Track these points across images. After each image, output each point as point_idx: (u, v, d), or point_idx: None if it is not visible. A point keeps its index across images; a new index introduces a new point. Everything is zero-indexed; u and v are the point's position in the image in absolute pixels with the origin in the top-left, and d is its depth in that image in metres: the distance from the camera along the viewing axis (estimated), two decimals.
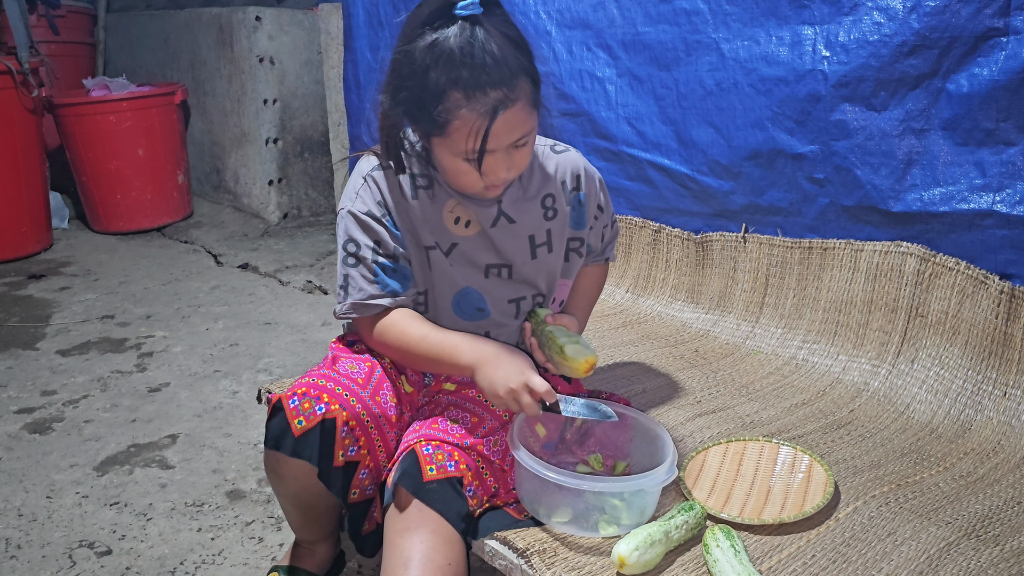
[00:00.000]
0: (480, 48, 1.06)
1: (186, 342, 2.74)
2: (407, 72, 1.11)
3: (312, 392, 1.16)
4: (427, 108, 1.10)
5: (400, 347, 1.25)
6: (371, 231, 1.24)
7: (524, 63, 1.11)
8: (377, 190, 1.25)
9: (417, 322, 1.26)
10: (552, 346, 1.24)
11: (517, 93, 1.10)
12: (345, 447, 1.17)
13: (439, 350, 1.23)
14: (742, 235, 2.01)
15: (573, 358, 1.20)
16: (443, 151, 1.15)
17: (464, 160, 1.14)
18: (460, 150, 1.12)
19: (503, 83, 1.08)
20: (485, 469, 1.20)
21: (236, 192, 4.36)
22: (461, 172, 1.17)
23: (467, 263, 1.29)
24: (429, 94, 1.09)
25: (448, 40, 1.06)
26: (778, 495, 1.28)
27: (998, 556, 1.14)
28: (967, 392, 1.56)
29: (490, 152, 1.12)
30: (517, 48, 1.11)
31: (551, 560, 1.11)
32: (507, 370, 1.17)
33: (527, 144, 1.17)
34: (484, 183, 1.18)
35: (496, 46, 1.07)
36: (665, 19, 2.05)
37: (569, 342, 1.23)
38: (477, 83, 1.07)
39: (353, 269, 1.25)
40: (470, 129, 1.09)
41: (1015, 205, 1.54)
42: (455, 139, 1.11)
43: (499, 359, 1.18)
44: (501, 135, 1.11)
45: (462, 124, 1.09)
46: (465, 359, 1.21)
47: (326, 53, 3.35)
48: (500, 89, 1.08)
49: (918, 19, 1.60)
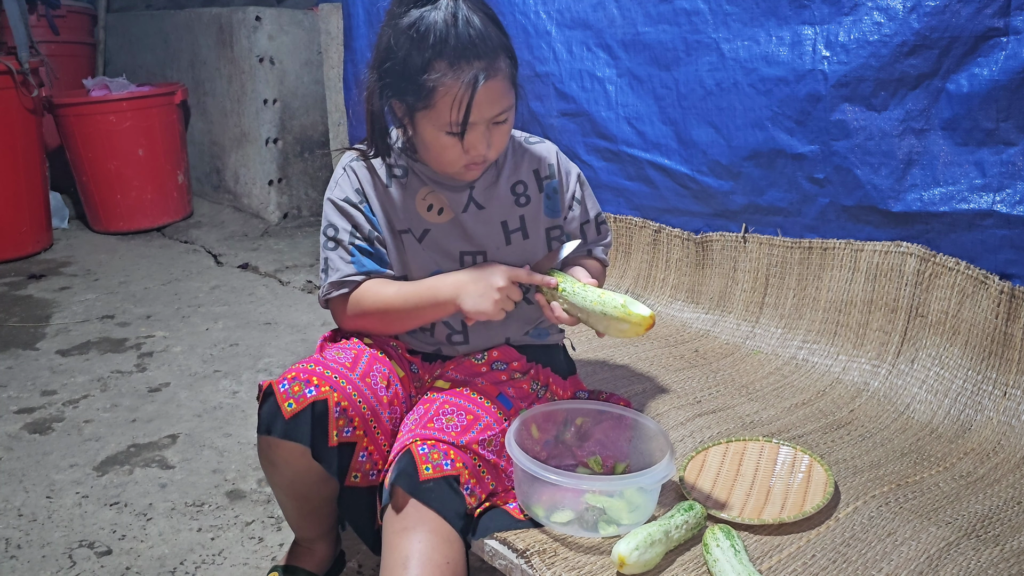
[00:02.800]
0: (464, 21, 1.13)
1: (186, 342, 2.74)
2: (393, 46, 1.17)
3: (301, 376, 1.18)
4: (413, 79, 1.16)
5: (378, 309, 1.30)
6: (348, 216, 1.31)
7: (503, 40, 1.19)
8: (355, 178, 1.32)
9: (389, 283, 1.31)
10: (604, 304, 1.19)
11: (498, 65, 1.16)
12: (339, 427, 1.18)
13: (417, 297, 1.28)
14: (742, 235, 2.01)
15: (639, 313, 1.16)
16: (426, 125, 1.20)
17: (447, 134, 1.19)
18: (444, 122, 1.17)
19: (485, 55, 1.15)
20: (482, 467, 1.20)
21: (236, 192, 4.36)
22: (443, 147, 1.21)
23: (439, 250, 1.34)
24: (414, 66, 1.15)
25: (434, 15, 1.14)
26: (778, 495, 1.28)
27: (998, 556, 1.14)
28: (967, 392, 1.56)
29: (472, 125, 1.17)
30: (496, 26, 1.18)
31: (551, 560, 1.11)
32: (486, 280, 1.24)
33: (507, 122, 1.23)
34: (464, 160, 1.22)
35: (479, 20, 1.15)
36: (665, 19, 2.05)
37: (628, 298, 1.19)
38: (461, 54, 1.13)
39: (332, 252, 1.31)
40: (454, 98, 1.15)
41: (1015, 205, 1.54)
42: (439, 110, 1.16)
43: (474, 278, 1.25)
44: (483, 106, 1.16)
45: (446, 92, 1.15)
46: (444, 294, 1.26)
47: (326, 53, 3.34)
48: (483, 60, 1.14)
49: (918, 19, 1.60)
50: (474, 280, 1.25)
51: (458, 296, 1.24)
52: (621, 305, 1.18)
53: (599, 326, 1.22)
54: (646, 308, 1.17)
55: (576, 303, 1.22)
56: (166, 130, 4.05)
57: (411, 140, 1.30)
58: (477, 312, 1.23)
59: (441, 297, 1.26)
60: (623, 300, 1.18)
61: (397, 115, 1.26)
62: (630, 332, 1.18)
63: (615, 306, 1.18)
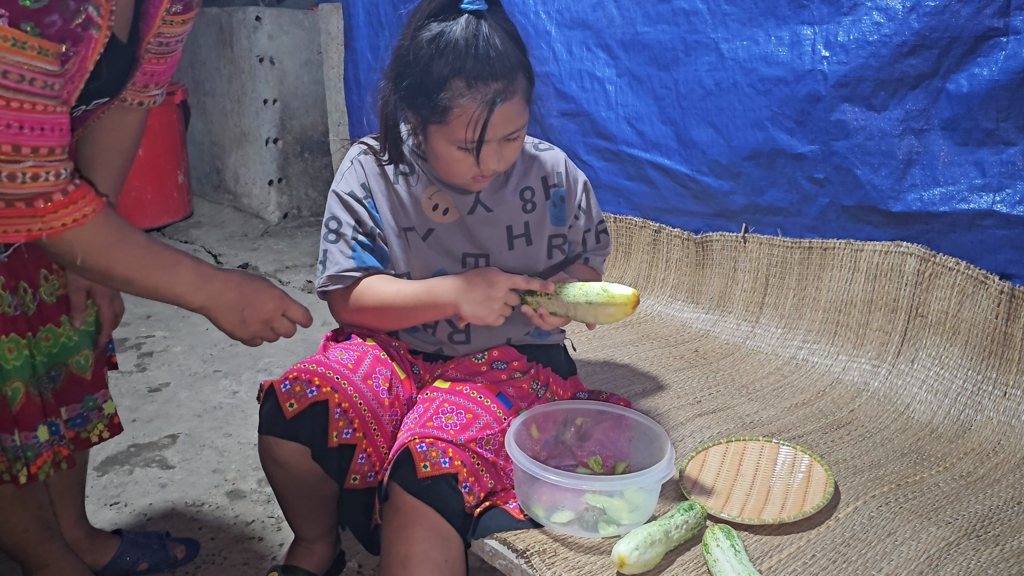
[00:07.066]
0: (484, 41, 1.12)
1: (186, 342, 2.74)
2: (412, 60, 1.16)
3: (303, 376, 1.18)
4: (429, 95, 1.15)
5: (377, 306, 1.29)
6: (352, 210, 1.31)
7: (523, 59, 1.17)
8: (362, 172, 1.32)
9: (390, 281, 1.30)
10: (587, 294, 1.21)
11: (516, 86, 1.15)
12: (339, 429, 1.18)
13: (416, 298, 1.27)
14: (742, 235, 2.01)
15: (621, 293, 1.19)
16: (439, 139, 1.20)
17: (458, 149, 1.19)
18: (457, 138, 1.17)
19: (504, 75, 1.13)
20: (481, 466, 1.20)
21: (236, 192, 4.36)
22: (454, 160, 1.21)
23: (443, 250, 1.33)
24: (432, 81, 1.14)
25: (454, 31, 1.12)
26: (778, 495, 1.28)
27: (998, 556, 1.14)
28: (967, 392, 1.56)
29: (485, 143, 1.17)
30: (516, 44, 1.16)
31: (551, 560, 1.11)
32: (486, 287, 1.24)
33: (518, 139, 1.22)
34: (474, 172, 1.22)
35: (499, 40, 1.13)
36: (664, 19, 2.05)
37: (606, 283, 1.22)
38: (480, 73, 1.12)
39: (333, 245, 1.31)
40: (470, 118, 1.14)
41: (1015, 205, 1.54)
42: (454, 127, 1.15)
43: (473, 283, 1.25)
44: (498, 126, 1.16)
45: (462, 112, 1.14)
46: (443, 297, 1.26)
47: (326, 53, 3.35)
48: (501, 81, 1.13)
49: (918, 19, 1.60)
50: (474, 286, 1.25)
51: (458, 301, 1.25)
52: (602, 290, 1.20)
53: (587, 317, 1.24)
54: (627, 288, 1.20)
55: (560, 300, 1.24)
56: (166, 130, 4.05)
57: (421, 145, 1.29)
58: (476, 318, 1.25)
59: (440, 300, 1.26)
60: (602, 285, 1.21)
61: (409, 123, 1.26)
62: (617, 315, 1.21)
63: (596, 292, 1.21)
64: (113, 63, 1.08)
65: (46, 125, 0.92)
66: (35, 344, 1.26)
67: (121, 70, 1.13)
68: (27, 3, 0.85)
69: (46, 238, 0.97)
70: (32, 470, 1.22)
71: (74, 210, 0.97)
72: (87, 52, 0.99)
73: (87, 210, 0.98)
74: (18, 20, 0.85)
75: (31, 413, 1.21)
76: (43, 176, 0.93)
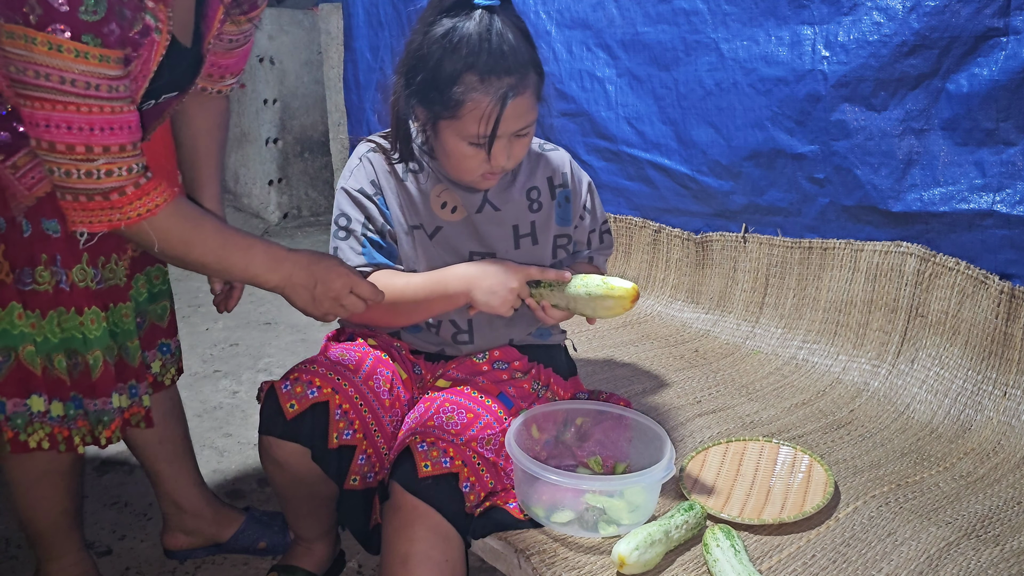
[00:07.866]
0: (498, 35, 1.12)
1: (186, 342, 2.74)
2: (424, 55, 1.16)
3: (304, 377, 1.18)
4: (441, 90, 1.15)
5: (388, 300, 1.28)
6: (362, 207, 1.30)
7: (534, 55, 1.18)
8: (372, 169, 1.32)
9: (399, 274, 1.30)
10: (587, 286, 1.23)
11: (527, 82, 1.16)
12: (340, 430, 1.18)
13: (427, 289, 1.27)
14: (742, 235, 2.02)
15: (621, 286, 1.20)
16: (450, 134, 1.20)
17: (469, 144, 1.19)
18: (468, 133, 1.17)
19: (516, 70, 1.14)
20: (481, 466, 1.20)
21: (236, 192, 4.36)
22: (464, 156, 1.21)
23: (450, 248, 1.33)
24: (445, 76, 1.14)
25: (467, 26, 1.13)
26: (778, 495, 1.28)
27: (998, 556, 1.14)
28: (967, 392, 1.56)
29: (496, 138, 1.17)
30: (527, 41, 1.17)
31: (551, 560, 1.11)
32: (499, 277, 1.23)
33: (527, 135, 1.22)
34: (483, 169, 1.22)
35: (512, 35, 1.14)
36: (664, 19, 2.05)
37: (607, 277, 1.23)
38: (493, 68, 1.13)
39: (343, 242, 1.31)
40: (482, 112, 1.14)
41: (1015, 205, 1.54)
42: (466, 122, 1.16)
43: (486, 272, 1.24)
44: (509, 121, 1.16)
45: (475, 106, 1.14)
46: (455, 287, 1.25)
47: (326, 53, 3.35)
48: (513, 76, 1.14)
49: (918, 19, 1.60)
50: (487, 275, 1.24)
51: (470, 289, 1.24)
52: (602, 282, 1.21)
53: (587, 310, 1.25)
54: (627, 281, 1.20)
55: (562, 292, 1.25)
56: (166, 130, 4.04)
57: (430, 141, 1.29)
58: (488, 307, 1.24)
59: (452, 289, 1.25)
60: (602, 278, 1.22)
61: (419, 119, 1.26)
62: (616, 308, 1.21)
63: (596, 285, 1.22)
64: (176, 64, 1.16)
65: (115, 125, 1.01)
66: (115, 314, 1.33)
67: (185, 70, 1.22)
68: (87, 17, 0.94)
69: (124, 227, 1.07)
70: (107, 433, 1.29)
71: (147, 201, 1.06)
72: (149, 55, 1.08)
73: (159, 200, 1.07)
74: (79, 33, 0.94)
75: (107, 380, 1.28)
76: (116, 171, 1.02)
